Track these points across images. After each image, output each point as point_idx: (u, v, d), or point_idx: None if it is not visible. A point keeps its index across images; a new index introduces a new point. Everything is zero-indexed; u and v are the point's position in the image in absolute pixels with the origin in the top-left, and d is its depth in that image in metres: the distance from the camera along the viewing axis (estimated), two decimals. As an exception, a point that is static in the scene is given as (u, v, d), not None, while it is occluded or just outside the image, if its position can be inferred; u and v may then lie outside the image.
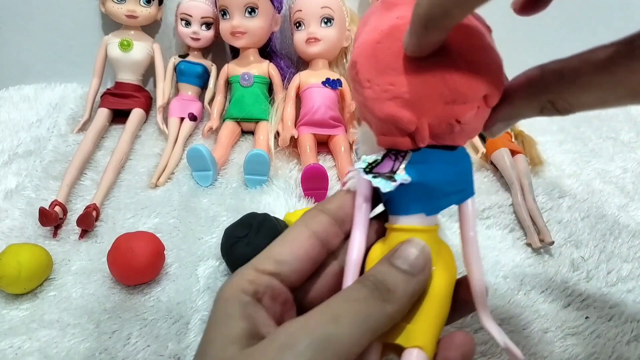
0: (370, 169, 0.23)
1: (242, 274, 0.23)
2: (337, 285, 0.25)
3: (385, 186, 0.22)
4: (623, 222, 0.47)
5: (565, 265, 0.42)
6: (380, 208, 0.26)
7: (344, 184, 0.25)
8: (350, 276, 0.24)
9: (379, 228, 0.26)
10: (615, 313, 0.38)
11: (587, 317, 0.38)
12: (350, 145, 0.56)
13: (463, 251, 0.24)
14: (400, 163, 0.23)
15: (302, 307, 0.25)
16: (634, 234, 0.46)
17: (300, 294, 0.25)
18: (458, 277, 0.25)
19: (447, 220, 0.47)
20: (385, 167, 0.23)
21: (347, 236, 0.25)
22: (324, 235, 0.25)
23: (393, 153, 0.23)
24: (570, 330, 0.36)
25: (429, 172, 0.23)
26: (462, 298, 0.25)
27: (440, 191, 0.23)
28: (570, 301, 0.39)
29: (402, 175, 0.22)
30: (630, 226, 0.46)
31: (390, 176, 0.23)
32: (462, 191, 0.24)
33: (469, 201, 0.24)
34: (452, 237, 0.46)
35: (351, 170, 0.25)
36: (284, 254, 0.24)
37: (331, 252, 0.26)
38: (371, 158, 0.24)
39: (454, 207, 0.25)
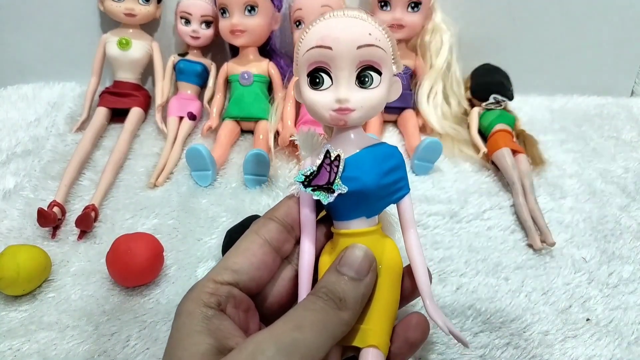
0: (308, 181, 0.24)
1: (202, 287, 0.24)
2: (293, 288, 0.27)
3: (325, 199, 0.24)
4: (625, 223, 0.47)
5: (567, 267, 0.42)
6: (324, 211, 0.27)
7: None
8: (304, 283, 0.26)
9: (327, 231, 0.27)
10: (616, 315, 0.38)
11: (588, 319, 0.37)
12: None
13: (406, 247, 0.26)
14: (336, 173, 0.24)
15: (262, 312, 0.26)
16: (635, 234, 0.45)
17: (260, 299, 0.26)
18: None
19: (449, 222, 0.47)
20: (322, 178, 0.25)
21: (297, 241, 0.26)
22: (275, 242, 0.26)
23: (327, 163, 0.24)
24: (571, 333, 0.36)
25: (364, 179, 0.24)
26: (407, 287, 0.27)
27: (377, 195, 0.25)
28: (571, 303, 0.39)
29: (339, 186, 0.24)
30: (632, 227, 0.46)
31: (328, 188, 0.24)
32: (398, 190, 0.26)
33: (406, 198, 0.26)
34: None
35: (293, 180, 0.26)
36: (239, 264, 0.25)
37: (285, 258, 0.26)
38: (308, 170, 0.25)
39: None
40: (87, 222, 0.45)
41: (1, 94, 0.64)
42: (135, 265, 0.38)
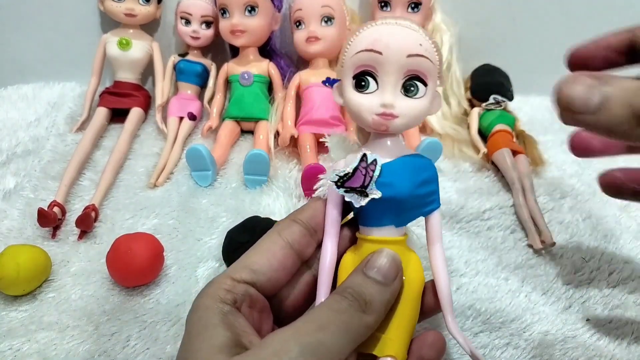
0: (342, 182, 0.24)
1: (219, 283, 0.24)
2: (311, 294, 0.26)
3: (357, 201, 0.24)
4: (625, 223, 0.47)
5: (567, 267, 0.42)
6: (350, 215, 0.27)
7: (314, 190, 0.26)
8: (323, 284, 0.25)
9: (350, 235, 0.27)
10: (616, 315, 0.38)
11: (587, 319, 0.37)
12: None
13: (430, 261, 0.26)
14: (371, 177, 0.24)
15: (277, 315, 0.26)
16: (635, 234, 0.45)
17: (275, 302, 0.26)
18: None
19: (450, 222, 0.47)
20: (357, 181, 0.24)
21: (319, 245, 0.26)
22: (297, 245, 0.25)
23: (363, 166, 0.24)
24: (571, 333, 0.36)
25: (398, 187, 0.24)
26: (429, 302, 0.26)
27: (408, 204, 0.25)
28: (571, 303, 0.39)
29: (372, 190, 0.24)
30: (632, 227, 0.46)
31: (361, 191, 0.24)
32: (429, 203, 0.26)
33: (436, 213, 0.26)
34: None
35: (321, 178, 0.26)
36: (259, 264, 0.24)
37: (305, 261, 0.26)
38: (342, 171, 0.25)
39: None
40: (87, 222, 0.45)
41: (1, 94, 0.64)
42: (135, 265, 0.38)
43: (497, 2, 0.63)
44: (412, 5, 0.57)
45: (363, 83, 0.25)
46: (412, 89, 0.25)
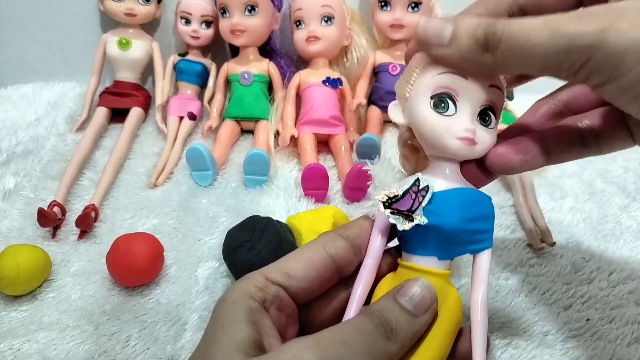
0: (390, 204, 0.24)
1: (252, 279, 0.23)
2: (342, 312, 0.26)
3: (401, 225, 0.23)
4: (625, 223, 0.47)
5: (567, 267, 0.42)
6: (394, 241, 0.26)
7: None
8: (355, 301, 0.25)
9: (392, 262, 0.26)
10: (616, 315, 0.38)
11: (588, 319, 0.37)
12: (351, 145, 0.56)
13: (471, 302, 0.24)
14: (420, 202, 0.23)
15: (303, 325, 0.25)
16: (635, 234, 0.45)
17: (305, 312, 0.25)
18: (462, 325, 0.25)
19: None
20: (405, 204, 0.24)
21: (360, 264, 0.25)
22: (339, 259, 0.25)
23: (414, 191, 0.23)
24: (571, 333, 0.36)
25: (446, 217, 0.23)
26: (464, 349, 0.25)
27: (455, 238, 0.24)
28: (572, 303, 0.39)
29: (419, 216, 0.23)
30: (632, 227, 0.46)
31: (408, 215, 0.23)
32: (478, 242, 0.24)
33: (485, 253, 0.25)
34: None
35: (374, 200, 0.25)
36: (296, 270, 0.24)
37: (343, 279, 0.26)
38: (392, 192, 0.24)
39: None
40: (87, 222, 0.45)
41: (1, 94, 0.64)
42: (135, 265, 0.38)
43: (497, 1, 0.63)
44: (412, 5, 0.57)
45: (443, 104, 0.24)
46: (487, 119, 0.24)
